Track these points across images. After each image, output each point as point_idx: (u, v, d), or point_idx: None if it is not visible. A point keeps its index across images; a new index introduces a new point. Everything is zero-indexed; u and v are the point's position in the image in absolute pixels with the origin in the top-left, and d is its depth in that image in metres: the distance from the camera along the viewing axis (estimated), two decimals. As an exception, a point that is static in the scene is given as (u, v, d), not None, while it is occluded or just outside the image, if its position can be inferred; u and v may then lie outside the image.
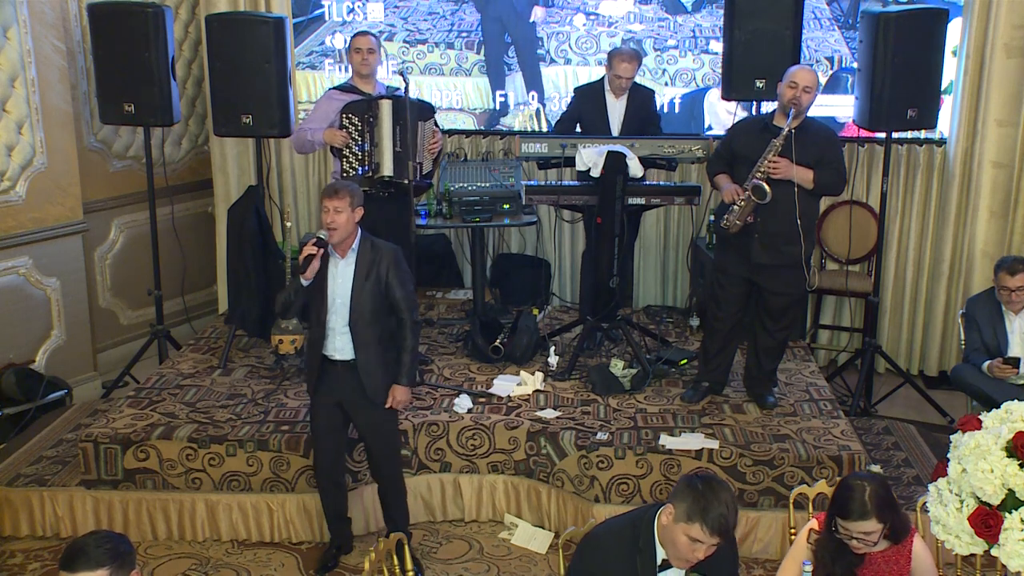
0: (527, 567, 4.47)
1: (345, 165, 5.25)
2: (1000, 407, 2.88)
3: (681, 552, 2.85)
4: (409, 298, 4.19)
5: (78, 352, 6.02)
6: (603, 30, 6.50)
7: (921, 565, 3.18)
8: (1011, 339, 4.97)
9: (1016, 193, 6.06)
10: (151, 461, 4.66)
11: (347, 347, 4.15)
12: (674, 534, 2.84)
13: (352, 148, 5.22)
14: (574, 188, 5.53)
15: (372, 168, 5.19)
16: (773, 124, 4.69)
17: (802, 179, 4.63)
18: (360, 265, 4.12)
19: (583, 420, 4.84)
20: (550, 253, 6.65)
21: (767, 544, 4.50)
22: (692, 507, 2.80)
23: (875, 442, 5.32)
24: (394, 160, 5.17)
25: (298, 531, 4.66)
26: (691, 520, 2.80)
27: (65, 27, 5.89)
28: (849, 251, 6.20)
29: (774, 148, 4.60)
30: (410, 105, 5.18)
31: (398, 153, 5.17)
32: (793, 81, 4.59)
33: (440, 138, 5.44)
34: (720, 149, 4.95)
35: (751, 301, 4.95)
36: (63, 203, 5.84)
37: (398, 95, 5.23)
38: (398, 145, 5.16)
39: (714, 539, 2.82)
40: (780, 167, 4.59)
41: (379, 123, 5.16)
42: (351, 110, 5.21)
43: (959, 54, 6.02)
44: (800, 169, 4.61)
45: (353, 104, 5.23)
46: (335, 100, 5.32)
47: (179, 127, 6.66)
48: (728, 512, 2.82)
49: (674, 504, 2.86)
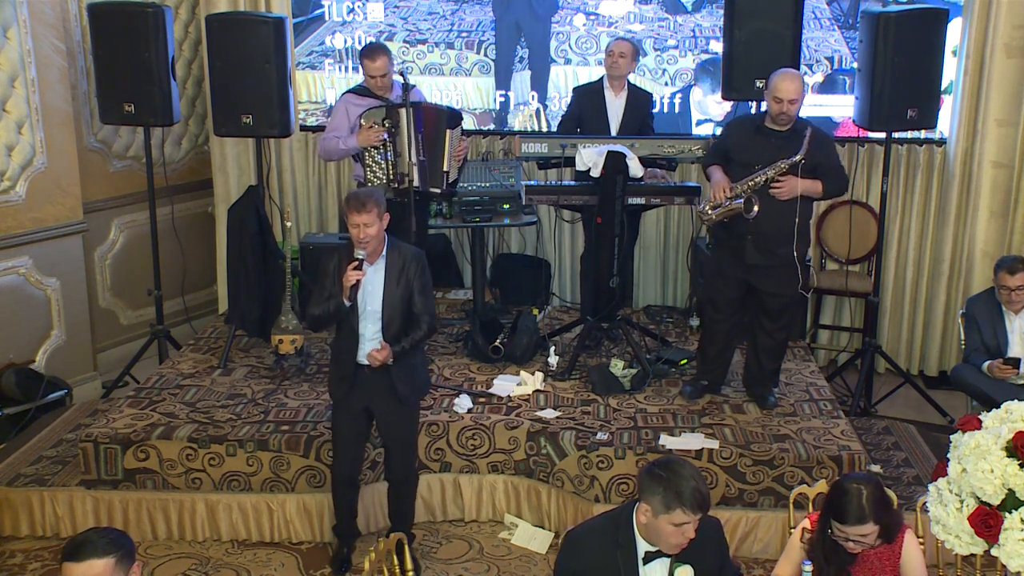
0: (527, 567, 4.48)
1: (369, 174, 5.21)
2: (1000, 407, 2.88)
3: (671, 540, 2.88)
4: (429, 308, 4.20)
5: (78, 352, 6.02)
6: (603, 30, 6.50)
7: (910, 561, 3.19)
8: (1011, 339, 4.98)
9: (1016, 193, 6.06)
10: (151, 461, 4.66)
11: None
12: (659, 527, 2.87)
13: (375, 156, 5.17)
14: (574, 188, 5.53)
15: (398, 179, 5.13)
16: (765, 127, 4.72)
17: (812, 192, 4.68)
18: (390, 271, 4.11)
19: (583, 420, 4.85)
20: (550, 253, 6.65)
21: (767, 544, 4.50)
22: (666, 496, 2.83)
23: (875, 442, 5.32)
24: (419, 170, 5.13)
25: (298, 531, 4.66)
26: (670, 509, 2.83)
27: (65, 27, 5.89)
28: (849, 251, 6.20)
29: (778, 169, 4.61)
30: (436, 113, 5.21)
31: (422, 162, 5.15)
32: (777, 96, 4.59)
33: (466, 146, 5.43)
34: (716, 144, 5.00)
35: (749, 302, 4.96)
36: (63, 203, 5.84)
37: (417, 101, 5.23)
38: (421, 154, 5.14)
39: (698, 515, 2.85)
40: (785, 189, 4.61)
41: (399, 132, 5.11)
42: (371, 117, 5.16)
43: (959, 54, 6.02)
44: (806, 182, 4.64)
45: (372, 111, 5.18)
46: (353, 105, 5.29)
47: (179, 127, 6.65)
48: (699, 483, 2.86)
49: (646, 501, 2.88)
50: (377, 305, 4.11)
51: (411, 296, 4.14)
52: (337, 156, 5.47)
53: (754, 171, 4.66)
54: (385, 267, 4.12)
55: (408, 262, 4.14)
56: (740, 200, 4.63)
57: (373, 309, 4.11)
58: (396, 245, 4.16)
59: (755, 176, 4.64)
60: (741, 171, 4.70)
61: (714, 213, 4.72)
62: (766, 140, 4.69)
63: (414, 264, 4.15)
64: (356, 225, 3.98)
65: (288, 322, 5.33)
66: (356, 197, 4.01)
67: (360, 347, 4.14)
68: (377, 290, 4.10)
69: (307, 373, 5.41)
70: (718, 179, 4.74)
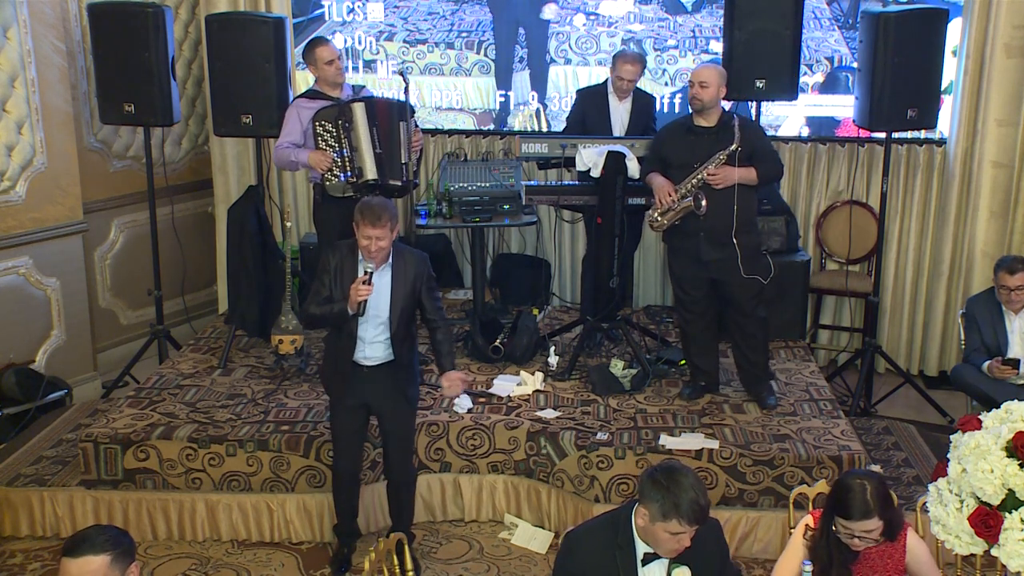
0: (527, 567, 4.48)
1: (326, 175, 5.12)
2: (1000, 407, 2.88)
3: (667, 545, 2.90)
4: (440, 312, 4.22)
5: (78, 352, 6.02)
6: (603, 30, 6.50)
7: (918, 557, 3.18)
8: (1011, 339, 4.98)
9: (1016, 193, 6.06)
10: (151, 461, 4.66)
11: (379, 353, 4.15)
12: (655, 533, 2.88)
13: (331, 156, 5.09)
14: (574, 188, 5.53)
15: (355, 174, 5.08)
16: (695, 125, 4.85)
17: (747, 179, 4.78)
18: (396, 276, 4.08)
19: (583, 420, 4.85)
20: (550, 253, 6.65)
21: (767, 544, 4.50)
22: (663, 504, 2.83)
23: (875, 442, 5.32)
24: (376, 163, 5.09)
25: (298, 531, 4.66)
26: (667, 518, 2.84)
27: (65, 27, 5.89)
28: (849, 251, 6.20)
29: (718, 161, 4.74)
30: (388, 105, 5.17)
31: (379, 155, 5.10)
32: (690, 80, 4.82)
33: (421, 138, 5.38)
34: (650, 154, 5.11)
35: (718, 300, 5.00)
36: (63, 203, 5.84)
37: (368, 96, 5.20)
38: (378, 147, 5.10)
39: (693, 527, 2.85)
40: (720, 177, 4.73)
41: (354, 127, 5.06)
42: (323, 117, 5.08)
43: (959, 54, 6.02)
44: (742, 170, 4.76)
45: (324, 111, 5.10)
46: (304, 109, 5.19)
47: (179, 127, 6.65)
48: (698, 495, 2.85)
49: (645, 506, 2.89)
50: (382, 310, 4.08)
51: (419, 301, 4.13)
52: (290, 168, 5.41)
53: (694, 170, 4.77)
54: (391, 273, 4.08)
55: (414, 267, 4.12)
56: (688, 199, 4.75)
57: (377, 314, 4.08)
58: (400, 249, 4.13)
59: (696, 173, 4.77)
60: (680, 173, 4.83)
61: (664, 219, 4.85)
62: (699, 138, 4.81)
63: (421, 269, 4.13)
64: (369, 238, 3.91)
65: (288, 322, 5.34)
66: (371, 210, 3.92)
67: (358, 348, 4.13)
68: (383, 296, 4.07)
69: (307, 373, 5.41)
70: (660, 183, 4.85)
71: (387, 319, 4.09)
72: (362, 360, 4.15)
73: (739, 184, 4.74)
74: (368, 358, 4.15)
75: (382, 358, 4.17)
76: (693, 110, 4.83)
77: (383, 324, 4.10)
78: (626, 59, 5.65)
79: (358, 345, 4.12)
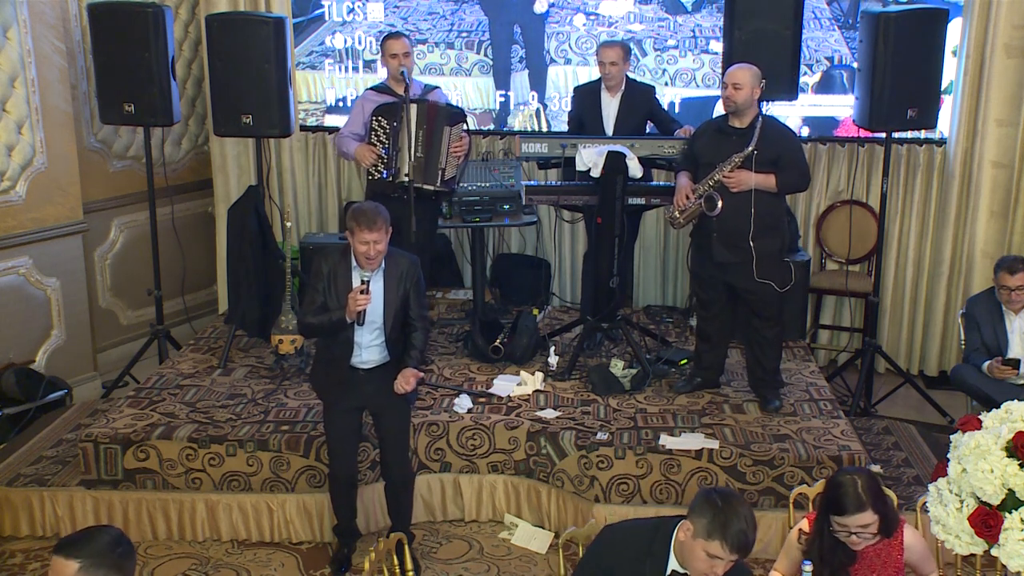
0: (527, 567, 4.47)
1: (371, 168, 5.26)
2: (1000, 407, 2.88)
3: (700, 568, 2.83)
4: (423, 315, 4.22)
5: (78, 352, 6.02)
6: (603, 30, 6.50)
7: (916, 553, 3.18)
8: (1011, 339, 4.98)
9: (1016, 193, 6.06)
10: (151, 461, 4.66)
11: (376, 356, 4.16)
12: (693, 550, 2.82)
13: (379, 152, 5.22)
14: (574, 188, 5.52)
15: (393, 173, 5.19)
16: (727, 125, 4.82)
17: (765, 185, 4.74)
18: (388, 280, 4.09)
19: (583, 420, 4.84)
20: (550, 253, 6.65)
21: (767, 544, 4.49)
22: (712, 524, 2.77)
23: (875, 442, 5.32)
24: (412, 165, 5.15)
25: (298, 531, 4.66)
26: (711, 537, 2.77)
27: (65, 27, 5.89)
28: (849, 251, 6.20)
29: (733, 164, 4.71)
30: (439, 110, 5.22)
31: (418, 158, 5.17)
32: (724, 81, 4.77)
33: (466, 143, 5.41)
34: (686, 150, 5.11)
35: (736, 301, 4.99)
36: (63, 203, 5.84)
37: (426, 99, 5.24)
38: (419, 150, 5.16)
39: (734, 556, 2.78)
40: (736, 180, 4.71)
41: (402, 127, 5.15)
42: (381, 112, 5.22)
43: (959, 54, 6.02)
44: (760, 176, 4.72)
45: (384, 107, 5.23)
46: (369, 102, 5.34)
47: (179, 127, 6.65)
48: (748, 528, 2.78)
49: (692, 520, 2.83)
50: (376, 315, 4.09)
51: (407, 302, 4.14)
52: (344, 157, 5.63)
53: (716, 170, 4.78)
54: (384, 277, 4.09)
55: (405, 270, 4.12)
56: (702, 199, 4.75)
57: (372, 319, 4.09)
58: (392, 253, 4.13)
59: (713, 174, 4.76)
60: (706, 172, 4.83)
61: (682, 217, 4.88)
62: (727, 139, 4.80)
63: (412, 272, 4.14)
64: (366, 242, 3.92)
65: (288, 322, 5.33)
66: (365, 214, 3.92)
67: (355, 353, 4.14)
68: (377, 301, 4.07)
69: (307, 373, 5.40)
70: (681, 184, 4.89)
71: (381, 324, 4.11)
72: (359, 364, 4.16)
73: (758, 192, 4.70)
74: (365, 362, 4.16)
75: (378, 360, 4.18)
76: (727, 111, 4.79)
77: (378, 328, 4.12)
78: (605, 44, 5.69)
79: (355, 350, 4.13)
